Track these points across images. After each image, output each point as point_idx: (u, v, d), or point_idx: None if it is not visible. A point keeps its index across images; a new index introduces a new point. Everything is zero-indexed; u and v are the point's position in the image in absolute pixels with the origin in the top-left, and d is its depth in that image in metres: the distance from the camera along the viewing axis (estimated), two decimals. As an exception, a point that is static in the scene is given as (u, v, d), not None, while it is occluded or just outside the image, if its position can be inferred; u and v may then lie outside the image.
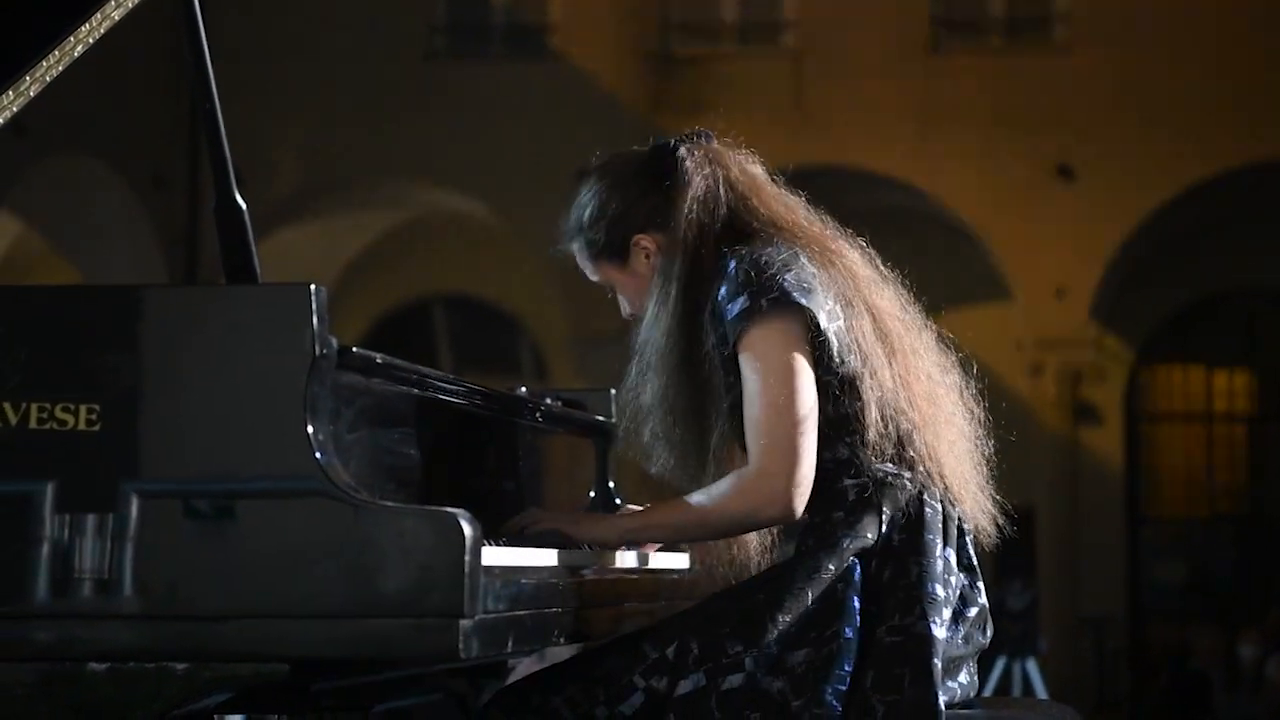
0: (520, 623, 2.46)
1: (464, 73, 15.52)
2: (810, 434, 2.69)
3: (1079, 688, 14.27)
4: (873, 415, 2.76)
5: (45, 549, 2.27)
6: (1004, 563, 12.10)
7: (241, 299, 2.40)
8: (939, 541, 2.74)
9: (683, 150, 2.93)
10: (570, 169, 15.03)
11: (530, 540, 2.76)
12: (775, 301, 2.70)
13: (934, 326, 2.96)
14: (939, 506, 2.78)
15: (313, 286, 2.31)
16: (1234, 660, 13.75)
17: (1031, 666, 11.35)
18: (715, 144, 2.96)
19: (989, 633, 2.83)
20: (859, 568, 2.69)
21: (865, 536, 2.71)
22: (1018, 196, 14.55)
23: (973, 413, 2.92)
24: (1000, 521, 2.92)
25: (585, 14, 15.53)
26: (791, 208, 2.92)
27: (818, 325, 2.73)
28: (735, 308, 2.72)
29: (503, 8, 16.24)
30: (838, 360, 2.74)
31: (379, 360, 2.51)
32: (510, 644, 2.43)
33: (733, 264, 2.76)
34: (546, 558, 2.70)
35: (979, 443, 2.91)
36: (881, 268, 2.94)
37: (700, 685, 2.62)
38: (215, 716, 2.85)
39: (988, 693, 2.59)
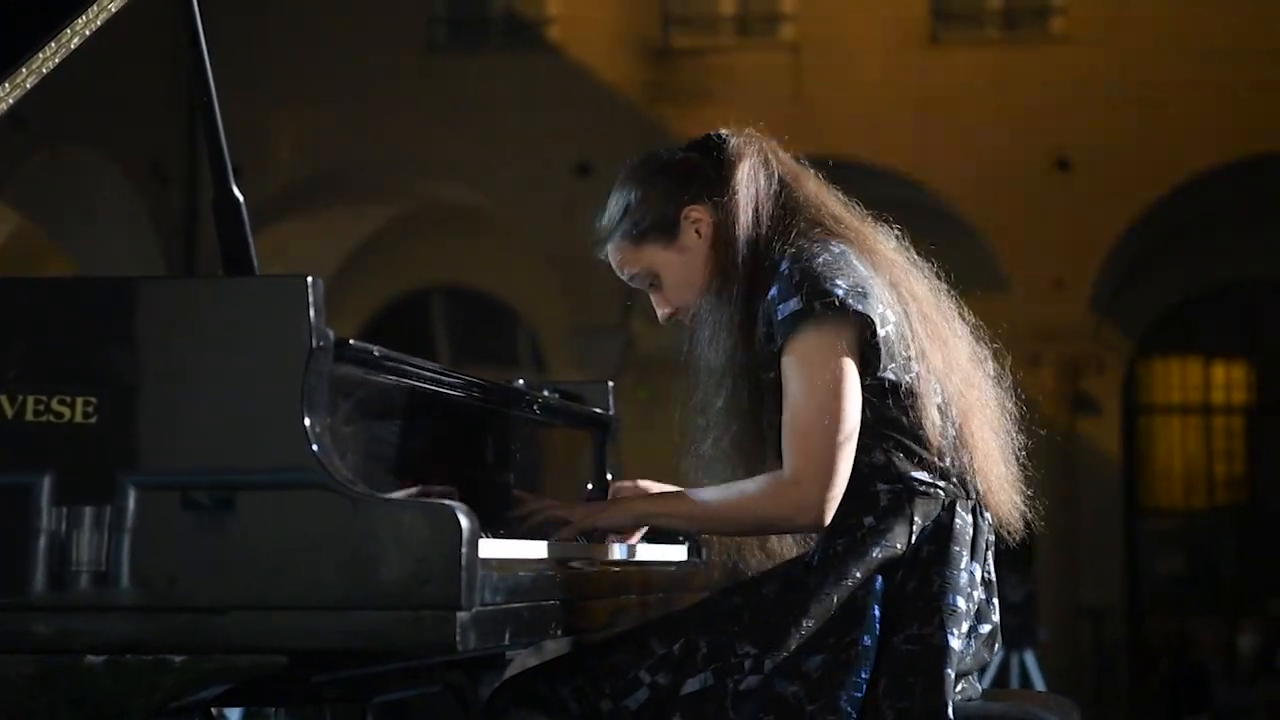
0: (517, 615, 2.46)
1: (463, 65, 15.50)
2: (850, 446, 2.66)
3: (1077, 679, 14.28)
4: (932, 415, 2.73)
5: (43, 541, 2.27)
6: (1002, 554, 12.08)
7: (239, 291, 2.40)
8: (965, 554, 2.72)
9: (725, 132, 2.89)
10: (569, 161, 15.09)
11: (546, 536, 2.75)
12: (829, 307, 2.65)
13: (967, 317, 2.92)
14: (969, 518, 2.75)
15: (310, 278, 2.31)
16: (1233, 651, 13.75)
17: (1030, 658, 11.35)
18: (753, 131, 2.92)
19: (995, 649, 2.80)
20: (883, 577, 2.67)
21: (895, 546, 2.69)
22: (1016, 188, 14.54)
23: (1005, 406, 2.89)
24: (1029, 518, 2.89)
25: (584, 6, 15.53)
26: (829, 198, 2.89)
27: (874, 331, 2.68)
28: (787, 309, 2.67)
29: (501, 0, 16.24)
30: (887, 364, 2.71)
31: (376, 353, 2.51)
32: (508, 636, 2.43)
33: (786, 264, 2.71)
34: (543, 550, 2.70)
35: (1011, 436, 2.88)
36: (915, 256, 2.91)
37: (708, 685, 2.61)
38: (213, 709, 2.86)
39: (986, 684, 2.59)
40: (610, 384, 3.58)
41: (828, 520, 2.68)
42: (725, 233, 2.81)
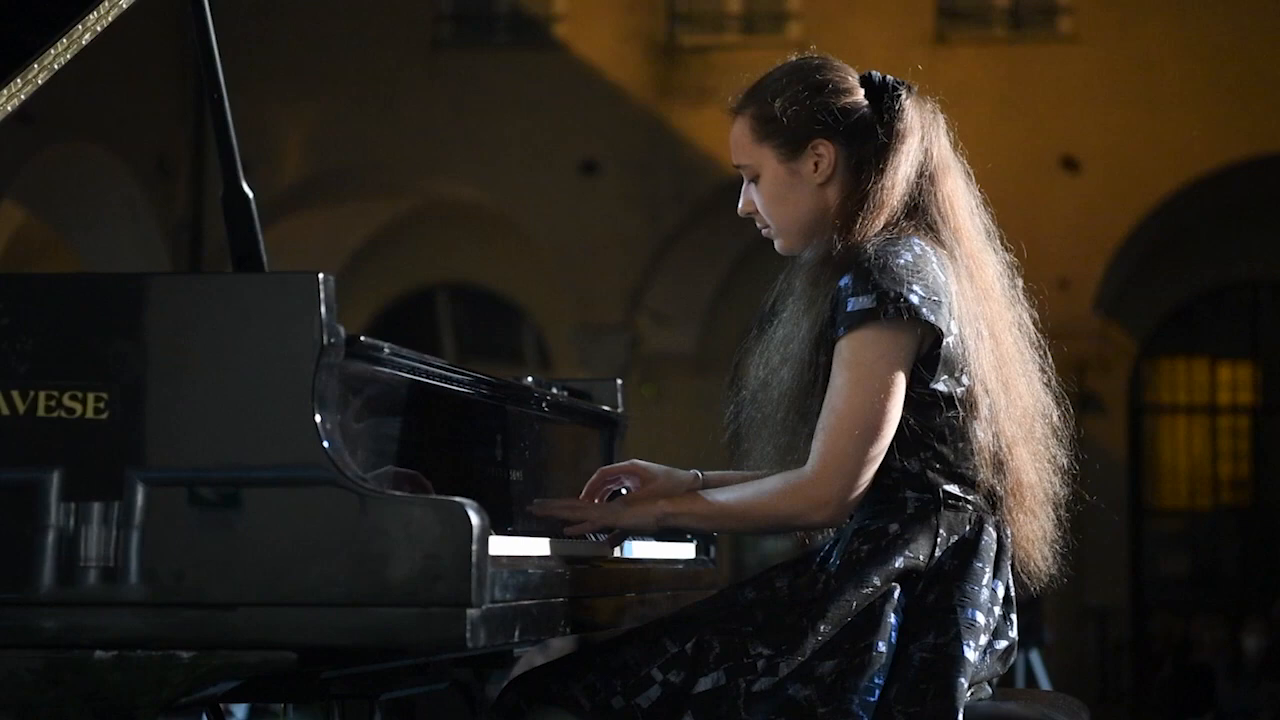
0: (527, 612, 2.46)
1: (469, 62, 15.50)
2: (879, 454, 2.64)
3: (1082, 679, 14.27)
4: (974, 432, 2.71)
5: (52, 537, 2.27)
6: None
7: (250, 287, 2.39)
8: (988, 570, 2.70)
9: (906, 95, 2.81)
10: (574, 158, 15.09)
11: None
12: (899, 311, 2.61)
13: (1050, 369, 2.90)
14: (994, 534, 2.74)
15: (321, 275, 2.31)
16: (1238, 651, 13.74)
17: (1035, 657, 11.34)
18: (930, 104, 2.85)
19: (1009, 663, 2.79)
20: (903, 587, 2.65)
21: (917, 557, 2.67)
22: (1022, 187, 14.51)
23: (1057, 461, 2.87)
24: (1051, 575, 2.88)
25: (590, 3, 15.52)
26: (962, 203, 2.83)
27: (938, 341, 2.66)
28: (856, 303, 2.62)
29: (508, -3, 16.23)
30: (942, 375, 2.68)
31: (387, 349, 2.51)
32: (517, 633, 2.43)
33: (868, 254, 2.65)
34: (552, 547, 2.69)
35: (1054, 488, 2.86)
36: (1019, 289, 2.88)
37: (720, 684, 2.60)
38: (222, 705, 2.86)
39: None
40: (619, 382, 3.58)
41: (843, 520, 2.68)
42: (844, 191, 2.76)
